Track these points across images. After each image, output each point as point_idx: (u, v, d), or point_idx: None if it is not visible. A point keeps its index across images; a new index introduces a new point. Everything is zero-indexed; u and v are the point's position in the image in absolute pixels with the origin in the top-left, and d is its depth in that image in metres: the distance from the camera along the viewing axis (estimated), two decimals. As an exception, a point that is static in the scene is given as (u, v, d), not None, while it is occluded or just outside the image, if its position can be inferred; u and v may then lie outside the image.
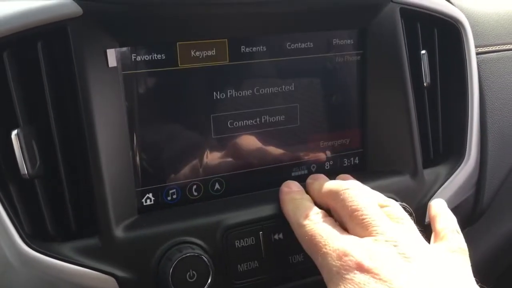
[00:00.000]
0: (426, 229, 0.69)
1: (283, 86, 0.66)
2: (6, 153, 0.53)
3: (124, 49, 0.57)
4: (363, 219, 0.50)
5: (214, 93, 0.62)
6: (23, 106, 0.53)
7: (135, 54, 0.57)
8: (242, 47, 0.62)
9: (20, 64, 0.53)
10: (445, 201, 0.70)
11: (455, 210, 0.72)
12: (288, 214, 0.58)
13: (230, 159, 0.64)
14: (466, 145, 0.73)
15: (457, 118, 0.74)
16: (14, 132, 0.52)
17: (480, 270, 0.80)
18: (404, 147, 0.69)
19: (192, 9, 0.58)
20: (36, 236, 0.54)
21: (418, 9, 0.70)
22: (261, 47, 0.63)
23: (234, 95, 0.63)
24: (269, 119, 0.66)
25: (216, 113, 0.63)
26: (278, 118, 0.66)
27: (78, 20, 0.53)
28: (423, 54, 0.71)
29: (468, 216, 0.77)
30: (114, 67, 0.56)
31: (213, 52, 0.61)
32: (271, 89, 0.65)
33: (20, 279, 0.53)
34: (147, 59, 0.58)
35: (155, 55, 0.58)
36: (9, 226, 0.52)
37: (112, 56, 0.55)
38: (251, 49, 0.63)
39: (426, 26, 0.72)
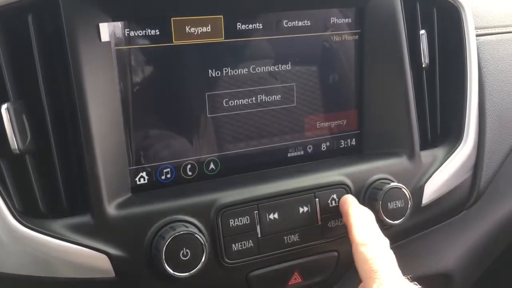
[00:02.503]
0: (423, 211, 0.69)
1: (280, 65, 0.65)
2: (-4, 128, 0.52)
3: (117, 23, 0.55)
4: None
5: (209, 70, 0.61)
6: (13, 80, 0.52)
7: (128, 29, 0.56)
8: (238, 24, 0.61)
9: (10, 37, 0.52)
10: (442, 184, 0.70)
11: (452, 193, 0.72)
12: (353, 226, 0.57)
13: (225, 139, 0.64)
14: (464, 128, 0.72)
15: (455, 100, 0.73)
16: (4, 107, 0.51)
17: (475, 254, 0.80)
18: (402, 129, 0.68)
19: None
20: (27, 213, 0.53)
21: (417, -12, 0.69)
22: (257, 24, 0.62)
23: (229, 74, 0.62)
24: (265, 99, 0.65)
25: (211, 92, 0.62)
26: (274, 97, 0.65)
27: (70, -7, 0.52)
28: (422, 34, 0.70)
29: (465, 199, 0.77)
30: (107, 41, 0.55)
31: (208, 29, 0.60)
32: (268, 68, 0.64)
33: (11, 256, 0.52)
34: (140, 34, 0.57)
35: (149, 30, 0.57)
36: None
37: (104, 31, 0.54)
38: (247, 27, 0.62)
39: (426, 6, 0.71)
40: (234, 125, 0.64)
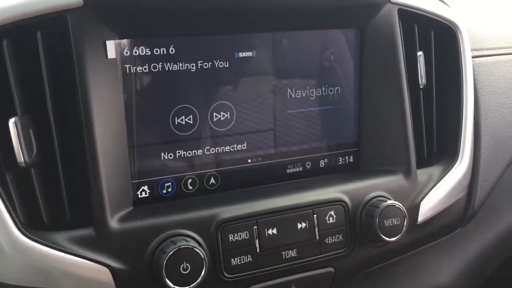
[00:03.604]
0: (418, 229, 0.70)
1: (280, 83, 0.66)
2: (3, 141, 0.53)
3: (124, 41, 0.57)
4: None
5: (213, 88, 0.63)
6: (21, 94, 0.53)
7: (135, 47, 0.58)
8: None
9: (19, 53, 0.53)
10: (437, 202, 0.71)
11: (447, 211, 0.74)
12: None
13: (226, 154, 0.65)
14: (460, 147, 0.74)
15: (451, 119, 0.74)
16: (12, 120, 0.52)
17: (470, 271, 0.81)
18: (399, 147, 0.70)
19: (192, 4, 0.58)
20: (31, 225, 0.54)
21: (416, 10, 0.70)
22: (258, 43, 0.64)
23: (233, 91, 0.64)
24: (266, 115, 0.66)
25: (215, 109, 0.63)
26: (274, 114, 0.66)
27: (78, 11, 0.53)
28: (420, 55, 0.72)
29: (460, 217, 0.78)
30: (113, 59, 0.56)
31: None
32: (268, 86, 0.66)
33: (13, 267, 0.53)
34: (146, 52, 0.58)
35: (155, 49, 0.58)
36: (4, 214, 0.52)
37: (111, 48, 0.56)
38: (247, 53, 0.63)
39: (423, 28, 0.73)
40: (235, 141, 0.65)
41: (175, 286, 0.54)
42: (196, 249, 0.55)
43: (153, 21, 0.58)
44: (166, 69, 0.60)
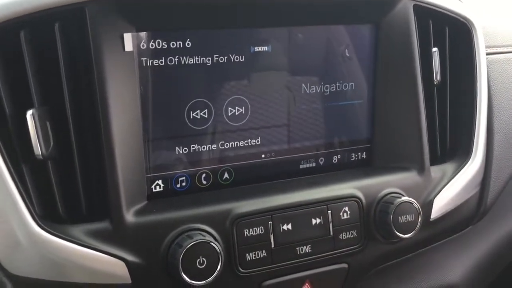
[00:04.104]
0: (431, 226, 0.70)
1: (294, 79, 0.66)
2: (21, 134, 0.53)
3: (142, 34, 0.57)
4: None
5: (229, 83, 0.62)
6: (38, 87, 0.53)
7: (151, 40, 0.57)
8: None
9: (37, 45, 0.53)
10: (451, 199, 0.71)
11: (459, 208, 0.73)
12: None
13: (240, 149, 0.65)
14: (473, 144, 0.73)
15: (465, 116, 0.74)
16: (29, 112, 0.52)
17: (481, 268, 0.81)
18: (412, 144, 0.69)
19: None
20: (47, 217, 0.54)
21: (431, 6, 0.70)
22: (272, 38, 0.64)
23: (248, 86, 0.63)
24: (280, 111, 0.66)
25: (230, 103, 0.63)
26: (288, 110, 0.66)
27: (96, 3, 0.53)
28: (434, 51, 0.72)
29: (472, 215, 0.78)
30: (130, 51, 0.56)
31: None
32: (282, 81, 0.65)
33: (29, 259, 0.53)
34: (164, 46, 0.58)
35: (172, 42, 0.58)
36: (21, 206, 0.52)
37: (128, 41, 0.55)
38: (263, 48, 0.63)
39: (438, 24, 0.72)
40: (249, 136, 0.65)
41: (191, 281, 0.54)
42: (213, 244, 0.55)
43: (170, 14, 0.57)
44: (182, 62, 0.59)
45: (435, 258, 0.77)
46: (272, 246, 0.60)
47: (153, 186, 0.61)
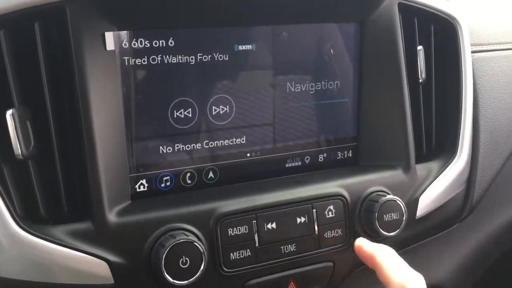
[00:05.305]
0: (417, 223, 0.70)
1: (279, 77, 0.66)
2: (1, 134, 0.52)
3: (123, 33, 0.56)
4: None
5: (212, 82, 0.62)
6: (18, 86, 0.53)
7: (134, 39, 0.57)
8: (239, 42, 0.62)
9: (16, 44, 0.52)
10: (436, 197, 0.71)
11: (445, 206, 0.74)
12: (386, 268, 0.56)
13: (224, 148, 0.64)
14: (459, 142, 0.73)
15: (450, 114, 0.74)
16: (9, 112, 0.52)
17: (467, 266, 0.81)
18: (398, 142, 0.70)
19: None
20: (28, 218, 0.54)
21: (416, 5, 0.70)
22: (257, 36, 0.63)
23: (231, 85, 0.63)
24: (265, 109, 0.66)
25: (213, 102, 0.62)
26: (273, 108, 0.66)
27: (77, 2, 0.53)
28: (420, 50, 0.72)
29: (458, 212, 0.78)
30: (112, 50, 0.55)
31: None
32: (267, 79, 0.65)
33: (10, 261, 0.53)
34: (146, 45, 0.58)
35: (154, 41, 0.58)
36: (1, 206, 0.51)
37: (110, 40, 0.55)
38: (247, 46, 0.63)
39: (423, 22, 0.72)
40: (234, 135, 0.65)
41: (174, 280, 0.54)
42: (196, 243, 0.55)
43: (153, 12, 0.57)
44: (165, 61, 0.59)
45: (421, 255, 0.77)
46: (257, 245, 0.60)
47: (137, 186, 0.61)
